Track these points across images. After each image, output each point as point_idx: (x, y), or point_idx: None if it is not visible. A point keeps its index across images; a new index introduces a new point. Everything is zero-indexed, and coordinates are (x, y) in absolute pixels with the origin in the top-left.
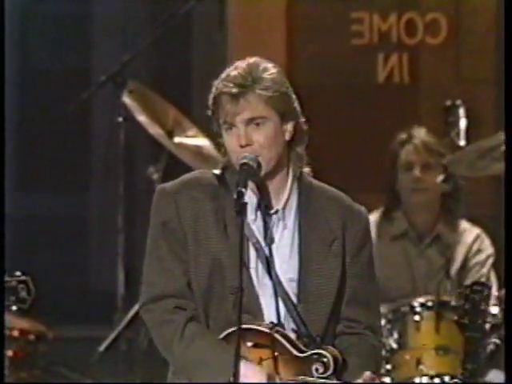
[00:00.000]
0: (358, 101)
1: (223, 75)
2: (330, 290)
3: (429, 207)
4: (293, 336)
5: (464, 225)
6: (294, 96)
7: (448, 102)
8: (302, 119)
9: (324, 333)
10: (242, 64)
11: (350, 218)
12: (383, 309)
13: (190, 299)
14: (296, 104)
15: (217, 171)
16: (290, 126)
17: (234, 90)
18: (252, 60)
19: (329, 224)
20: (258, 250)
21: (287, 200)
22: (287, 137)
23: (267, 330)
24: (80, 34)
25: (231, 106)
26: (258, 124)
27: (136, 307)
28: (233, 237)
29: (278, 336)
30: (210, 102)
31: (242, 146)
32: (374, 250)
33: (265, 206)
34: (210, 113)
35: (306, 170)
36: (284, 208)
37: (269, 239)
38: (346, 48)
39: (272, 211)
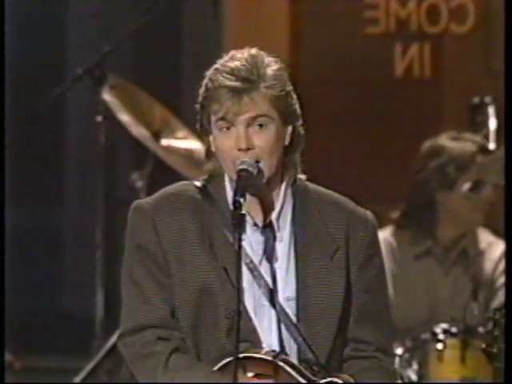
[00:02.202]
0: (373, 98)
1: (219, 66)
2: (334, 307)
3: (465, 220)
4: (298, 363)
5: (489, 238)
6: (295, 96)
7: (476, 99)
8: (300, 122)
9: (330, 357)
10: (241, 55)
11: (354, 224)
12: (401, 337)
13: (174, 329)
14: (297, 105)
15: (198, 183)
16: (289, 130)
17: (238, 85)
18: (252, 51)
19: (329, 232)
20: (252, 269)
21: (281, 209)
22: (287, 141)
23: (270, 358)
24: (52, 19)
25: (232, 102)
26: (260, 125)
27: (117, 333)
28: (221, 257)
29: (282, 364)
30: (202, 94)
31: (240, 150)
32: (390, 272)
33: (256, 218)
34: (198, 107)
35: (301, 176)
36: (277, 218)
37: (263, 256)
38: (359, 37)
39: (264, 223)
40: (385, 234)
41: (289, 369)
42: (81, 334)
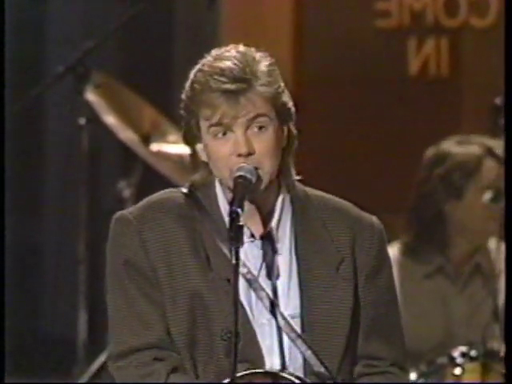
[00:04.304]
0: (384, 98)
1: (205, 67)
2: (342, 324)
3: (478, 233)
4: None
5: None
6: (288, 93)
7: (498, 100)
8: (293, 121)
9: (338, 376)
10: (229, 53)
11: (360, 232)
12: (414, 361)
13: (170, 349)
14: (291, 103)
15: (186, 190)
16: (286, 130)
17: (231, 87)
18: (240, 48)
19: (334, 242)
20: (251, 282)
21: (279, 218)
22: (284, 143)
23: (275, 371)
24: (30, 12)
25: (228, 106)
26: (260, 128)
27: (102, 358)
28: (216, 268)
29: (288, 376)
30: (190, 98)
31: (239, 155)
32: (400, 292)
33: (253, 229)
34: (184, 112)
35: (296, 177)
36: (276, 228)
37: (260, 271)
38: (369, 31)
39: (262, 235)
40: (392, 251)
41: (296, 380)
42: (61, 359)
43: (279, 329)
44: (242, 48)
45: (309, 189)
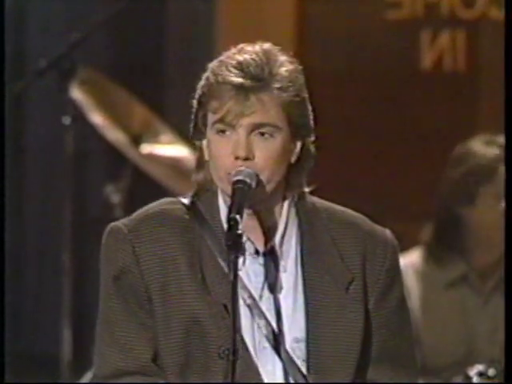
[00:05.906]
0: (395, 95)
1: (224, 58)
2: (352, 349)
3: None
4: None
5: None
6: (310, 106)
7: None
8: (312, 138)
9: None
10: (252, 48)
11: (372, 247)
12: (430, 379)
13: (157, 376)
14: (311, 117)
15: (186, 201)
16: (298, 145)
17: (244, 81)
18: (265, 45)
19: (343, 259)
20: (251, 305)
21: (284, 232)
22: (293, 159)
23: None
24: (11, 3)
25: (236, 101)
26: (263, 134)
27: (88, 376)
28: (215, 290)
29: None
30: (201, 89)
31: (237, 158)
32: (419, 302)
33: (256, 244)
34: (195, 103)
35: (306, 189)
36: (280, 244)
37: (263, 290)
38: (379, 23)
39: (265, 250)
40: (412, 258)
41: None
42: (45, 377)
43: (280, 356)
44: (267, 46)
45: (318, 200)
